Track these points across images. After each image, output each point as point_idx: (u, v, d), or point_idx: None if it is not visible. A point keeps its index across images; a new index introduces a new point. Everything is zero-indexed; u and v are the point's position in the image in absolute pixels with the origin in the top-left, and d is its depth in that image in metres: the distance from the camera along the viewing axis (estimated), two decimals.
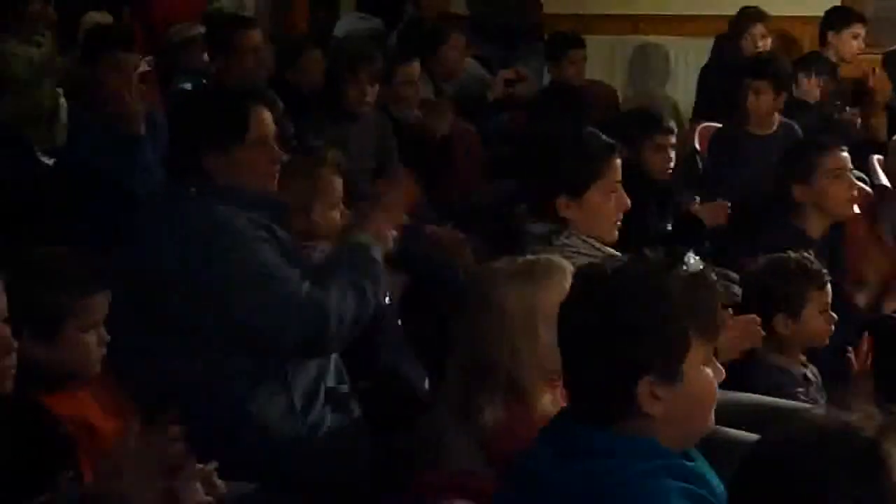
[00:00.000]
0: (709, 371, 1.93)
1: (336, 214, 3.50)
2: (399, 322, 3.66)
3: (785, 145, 4.97)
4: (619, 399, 1.88)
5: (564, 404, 2.31)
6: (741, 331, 3.08)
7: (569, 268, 2.48)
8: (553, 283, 2.42)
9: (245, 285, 2.97)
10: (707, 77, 6.74)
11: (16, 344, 2.18)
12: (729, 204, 4.54)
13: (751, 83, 5.38)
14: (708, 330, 1.92)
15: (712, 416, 1.96)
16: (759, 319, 3.15)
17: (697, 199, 4.54)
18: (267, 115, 3.19)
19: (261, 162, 3.15)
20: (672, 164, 4.70)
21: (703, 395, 1.93)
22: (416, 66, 5.56)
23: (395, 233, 3.23)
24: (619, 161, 3.29)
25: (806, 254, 3.56)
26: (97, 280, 2.60)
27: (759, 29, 6.47)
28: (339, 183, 3.52)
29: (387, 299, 3.49)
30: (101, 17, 6.89)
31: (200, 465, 2.43)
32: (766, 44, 6.46)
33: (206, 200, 3.07)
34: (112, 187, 4.40)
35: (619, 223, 3.28)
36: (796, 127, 5.50)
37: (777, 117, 5.47)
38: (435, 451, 2.53)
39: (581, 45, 6.32)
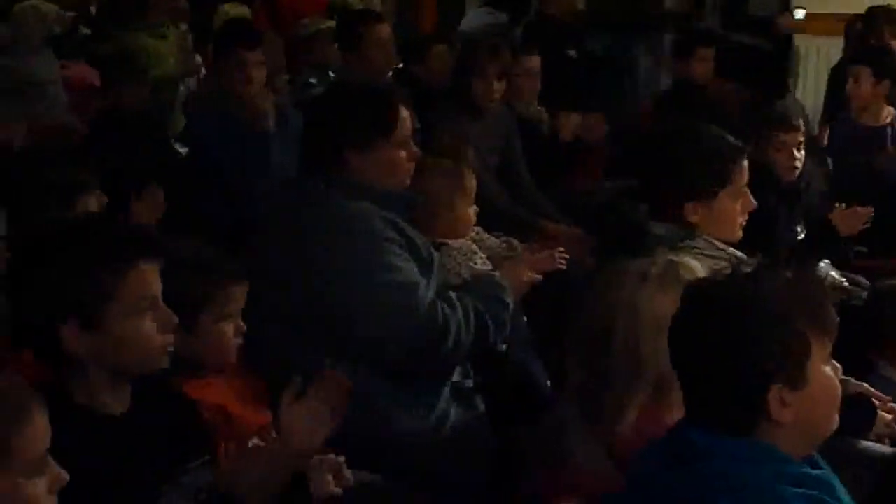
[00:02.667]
0: (829, 369, 1.93)
1: (471, 212, 3.54)
2: (525, 319, 3.68)
3: None
4: (749, 409, 1.89)
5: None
6: None
7: (700, 271, 2.48)
8: None
9: (367, 286, 2.98)
10: (837, 76, 6.62)
11: (176, 321, 2.26)
12: (871, 210, 4.42)
13: (850, 69, 5.30)
14: (824, 327, 1.92)
15: (837, 417, 1.96)
16: None
17: (837, 204, 4.43)
18: (408, 114, 3.21)
19: (402, 159, 3.18)
20: (799, 164, 4.62)
21: (829, 395, 1.94)
22: (536, 59, 5.57)
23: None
24: (745, 163, 3.27)
25: None
26: (236, 271, 2.68)
27: (892, 28, 6.32)
28: (473, 180, 3.55)
29: None
30: (235, 10, 7.05)
31: (331, 456, 2.51)
32: None
33: (340, 195, 3.09)
34: (233, 185, 4.52)
35: (743, 223, 3.26)
36: None
37: (888, 108, 5.37)
38: (558, 451, 2.55)
39: (711, 42, 6.26)
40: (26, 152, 3.88)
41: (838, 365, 1.96)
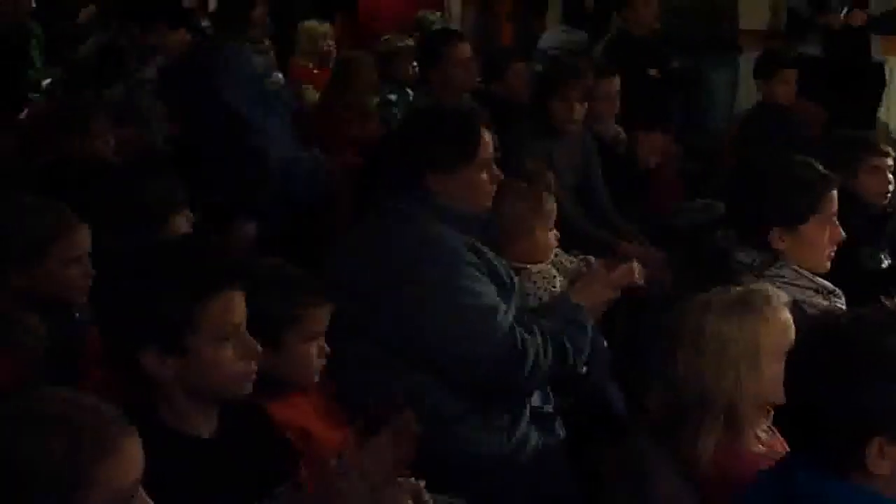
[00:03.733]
0: None
1: (551, 236, 3.53)
2: (605, 343, 3.66)
3: None
4: (846, 455, 1.88)
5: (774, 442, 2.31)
6: None
7: (785, 299, 2.47)
8: (772, 315, 2.43)
9: (446, 310, 2.99)
10: None
11: (260, 349, 2.27)
12: None
13: None
14: None
15: None
16: None
17: None
18: (490, 137, 3.22)
19: (484, 182, 3.19)
20: (891, 188, 4.53)
21: None
22: (615, 81, 5.54)
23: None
24: (835, 192, 3.23)
25: None
26: (322, 292, 2.69)
27: None
28: (553, 204, 3.54)
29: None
30: (319, 27, 7.11)
31: (411, 479, 2.51)
32: None
33: (420, 217, 3.11)
34: None
35: (831, 254, 3.21)
36: None
37: None
38: (635, 478, 2.53)
39: (793, 64, 6.18)
40: (118, 168, 3.90)
41: None
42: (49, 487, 1.66)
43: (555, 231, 3.55)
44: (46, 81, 6.33)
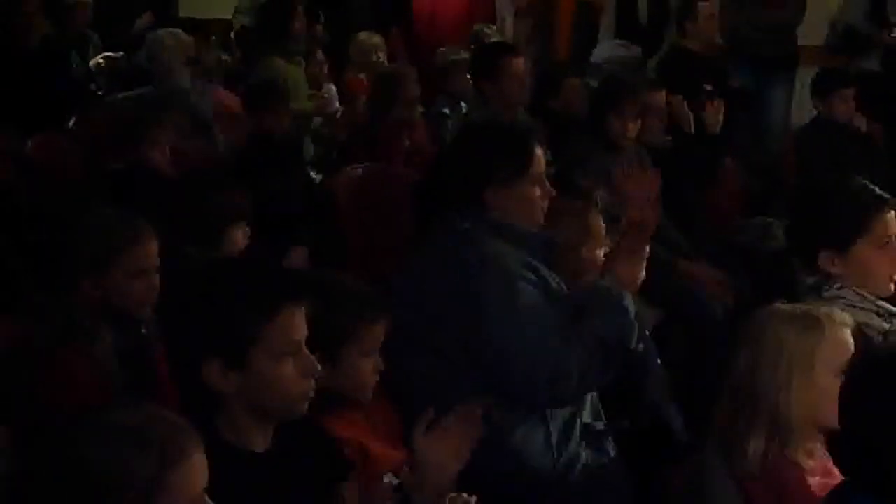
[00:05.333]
0: None
1: (601, 254, 3.51)
2: (659, 361, 3.64)
3: None
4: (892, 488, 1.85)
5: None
6: None
7: (850, 322, 2.49)
8: (832, 331, 2.46)
9: (503, 325, 3.00)
10: None
11: (318, 368, 2.27)
12: None
13: None
14: None
15: None
16: None
17: None
18: (542, 152, 3.23)
19: (537, 197, 3.20)
20: None
21: None
22: (662, 95, 5.51)
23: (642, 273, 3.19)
24: (891, 214, 3.11)
25: None
26: (379, 307, 2.70)
27: None
28: (602, 223, 3.53)
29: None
30: (370, 39, 7.14)
31: (463, 495, 2.50)
32: None
33: (479, 234, 3.12)
34: None
35: (895, 277, 3.13)
36: None
37: None
38: (700, 496, 2.53)
39: (851, 83, 6.12)
40: (178, 180, 3.91)
41: None
42: (125, 494, 1.72)
43: (605, 249, 3.53)
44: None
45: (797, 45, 7.37)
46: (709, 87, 6.54)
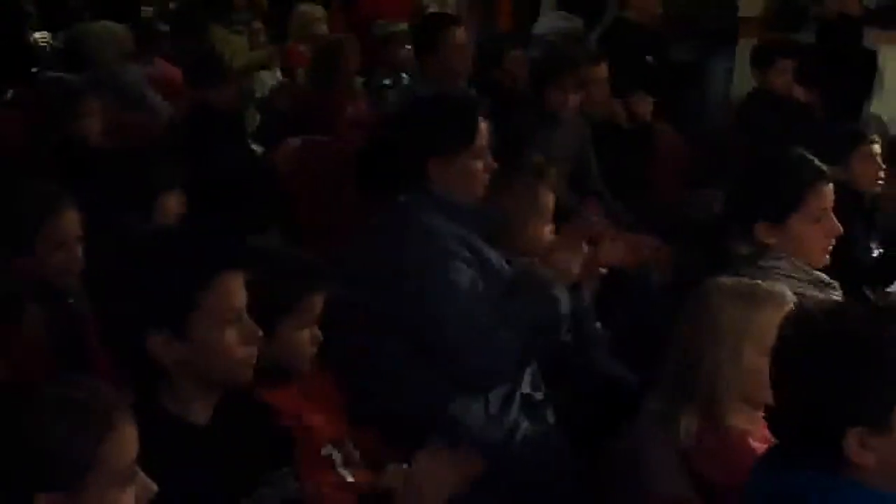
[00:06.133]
0: None
1: (547, 230, 3.53)
2: (599, 324, 3.66)
3: None
4: (826, 446, 1.87)
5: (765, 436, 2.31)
6: None
7: (790, 299, 2.48)
8: (770, 310, 2.44)
9: (439, 303, 3.03)
10: None
11: (260, 334, 2.26)
12: None
13: None
14: None
15: None
16: None
17: None
18: (486, 125, 3.24)
19: (479, 171, 3.21)
20: (882, 174, 4.54)
21: None
22: (603, 67, 5.53)
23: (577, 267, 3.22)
24: (827, 188, 3.17)
25: None
26: (316, 278, 2.69)
27: None
28: (551, 198, 3.54)
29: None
30: (312, 10, 7.09)
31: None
32: None
33: (417, 208, 3.14)
34: None
35: (829, 248, 3.17)
36: None
37: None
38: (635, 466, 2.55)
39: (790, 54, 6.17)
40: (105, 150, 3.90)
41: None
42: (60, 468, 1.73)
43: (552, 226, 3.54)
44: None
45: (737, 18, 7.42)
46: (649, 59, 6.60)
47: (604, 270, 3.46)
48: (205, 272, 2.18)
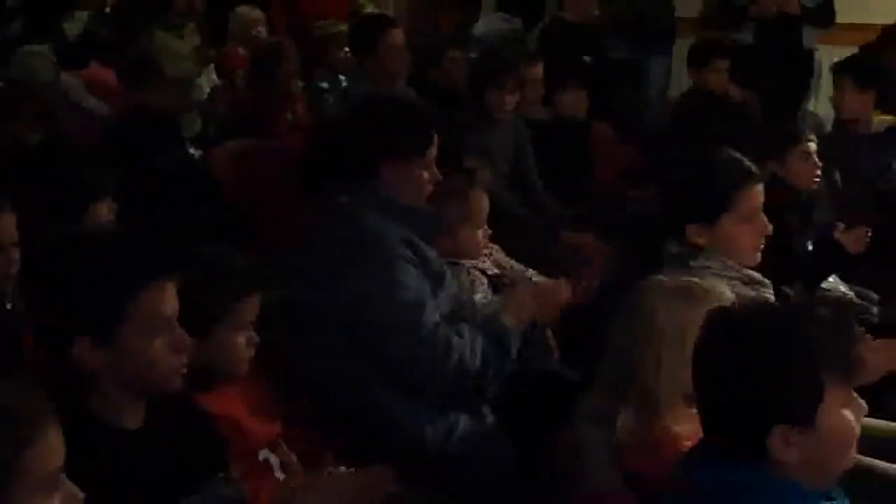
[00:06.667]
0: (847, 413, 1.90)
1: (478, 235, 3.54)
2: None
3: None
4: (752, 442, 1.88)
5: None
6: (883, 357, 3.03)
7: (727, 296, 2.49)
8: (709, 307, 2.36)
9: (381, 304, 3.03)
10: None
11: (189, 342, 2.25)
12: (869, 231, 4.41)
13: (835, 80, 5.29)
14: (847, 376, 1.90)
15: (850, 456, 1.94)
16: None
17: (841, 225, 4.42)
18: (437, 139, 3.25)
19: (426, 180, 3.22)
20: (818, 172, 4.60)
21: (841, 438, 1.91)
22: (539, 67, 5.56)
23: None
24: (758, 188, 3.19)
25: None
26: (252, 281, 2.68)
27: None
28: (486, 203, 3.55)
29: None
30: (251, 12, 7.06)
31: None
32: None
33: (360, 209, 3.13)
34: None
35: (760, 247, 3.19)
36: None
37: (882, 118, 5.35)
38: (572, 462, 2.57)
39: (725, 54, 6.24)
40: (40, 154, 3.86)
41: (864, 405, 1.95)
42: None
43: (485, 230, 3.56)
44: None
45: (674, 18, 7.48)
46: (587, 59, 6.64)
47: None
48: (133, 282, 2.16)
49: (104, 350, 2.15)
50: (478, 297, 3.47)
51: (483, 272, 3.61)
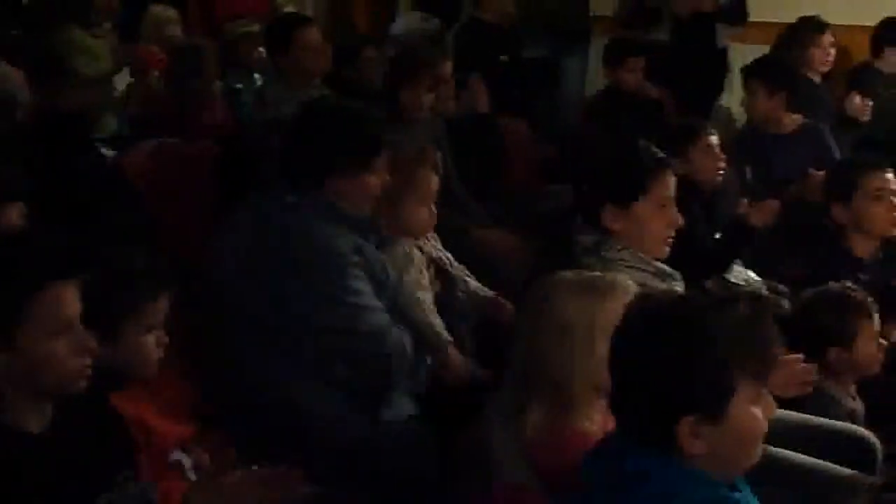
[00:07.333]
0: (756, 410, 1.92)
1: (425, 212, 3.56)
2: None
3: (809, 146, 5.12)
4: (660, 433, 1.90)
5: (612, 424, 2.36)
6: (793, 376, 3.06)
7: (633, 289, 2.49)
8: (615, 300, 2.43)
9: (329, 306, 3.07)
10: None
11: (94, 344, 2.23)
12: (778, 203, 4.48)
13: (747, 83, 5.39)
14: (759, 372, 1.92)
15: (758, 452, 1.96)
16: (810, 369, 3.13)
17: (745, 200, 4.48)
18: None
19: (375, 188, 3.25)
20: (723, 166, 4.67)
21: (748, 434, 1.93)
22: (449, 64, 5.58)
23: None
24: (671, 178, 3.26)
25: (849, 283, 3.56)
26: (160, 282, 2.66)
27: (827, 39, 6.35)
28: (435, 181, 3.56)
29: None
30: (165, 12, 6.99)
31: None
32: (831, 54, 6.35)
33: (308, 212, 3.15)
34: None
35: (670, 239, 3.24)
36: (822, 127, 5.45)
37: (793, 117, 5.44)
38: (484, 458, 2.57)
39: (640, 52, 6.31)
40: None
41: (773, 403, 1.97)
42: None
43: (432, 209, 3.58)
44: None
45: (589, 17, 7.55)
46: (504, 58, 6.68)
47: None
48: (31, 282, 2.14)
49: (4, 352, 2.12)
50: (409, 277, 3.48)
51: (421, 250, 3.63)
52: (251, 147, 4.46)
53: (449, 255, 3.85)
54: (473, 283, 3.81)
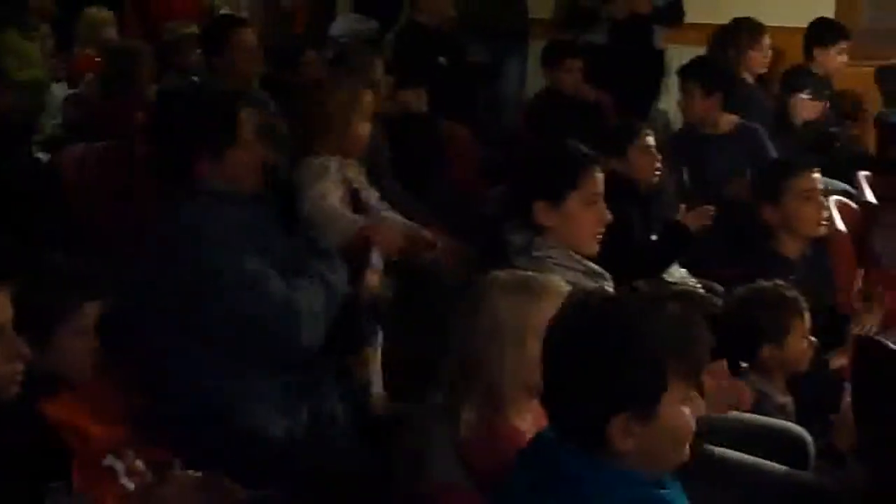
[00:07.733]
0: (686, 410, 1.94)
1: (363, 129, 3.55)
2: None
3: (745, 146, 5.16)
4: (592, 431, 1.91)
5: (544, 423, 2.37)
6: (728, 391, 3.07)
7: (565, 289, 2.50)
8: (547, 300, 2.43)
9: (221, 288, 3.01)
10: None
11: (26, 350, 2.20)
12: (713, 209, 4.54)
13: (682, 84, 5.45)
14: (690, 373, 1.93)
15: (686, 451, 1.98)
16: (745, 388, 3.17)
17: (683, 206, 4.54)
18: (253, 115, 3.22)
19: (251, 163, 3.19)
20: (660, 166, 4.71)
21: (678, 433, 1.94)
22: (379, 62, 5.58)
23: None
24: (600, 174, 3.30)
25: (780, 281, 3.60)
26: (89, 287, 2.64)
27: (766, 41, 6.41)
28: (371, 99, 3.61)
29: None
30: (100, 14, 6.93)
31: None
32: (769, 56, 6.42)
33: (197, 206, 3.11)
34: None
35: (599, 236, 3.28)
36: (758, 128, 5.50)
37: (728, 117, 5.49)
38: (418, 459, 2.58)
39: (577, 54, 6.35)
40: None
41: (703, 403, 1.99)
42: None
43: (369, 126, 3.58)
44: None
45: (527, 19, 7.58)
46: (443, 61, 6.69)
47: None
48: None
49: None
50: (320, 184, 3.51)
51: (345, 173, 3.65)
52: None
53: (376, 194, 3.87)
54: (393, 216, 3.81)
